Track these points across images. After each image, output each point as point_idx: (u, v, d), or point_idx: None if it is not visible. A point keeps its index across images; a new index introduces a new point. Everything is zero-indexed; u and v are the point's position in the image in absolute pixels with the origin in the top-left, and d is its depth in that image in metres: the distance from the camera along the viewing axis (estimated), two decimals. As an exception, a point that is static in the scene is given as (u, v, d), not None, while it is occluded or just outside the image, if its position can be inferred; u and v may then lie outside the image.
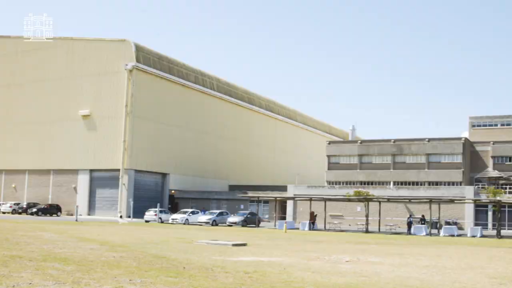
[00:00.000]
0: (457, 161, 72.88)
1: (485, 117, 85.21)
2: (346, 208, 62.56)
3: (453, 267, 19.32)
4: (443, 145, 73.98)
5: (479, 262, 21.56)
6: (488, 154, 75.39)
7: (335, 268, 17.88)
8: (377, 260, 20.94)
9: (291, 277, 15.02)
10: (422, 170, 74.12)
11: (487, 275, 16.98)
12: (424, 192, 60.12)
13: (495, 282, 15.39)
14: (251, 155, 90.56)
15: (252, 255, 21.75)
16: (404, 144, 76.14)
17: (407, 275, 16.61)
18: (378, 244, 31.98)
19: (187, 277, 14.22)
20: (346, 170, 78.22)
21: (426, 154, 74.43)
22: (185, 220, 55.72)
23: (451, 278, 16.14)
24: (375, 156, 77.34)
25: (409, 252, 26.00)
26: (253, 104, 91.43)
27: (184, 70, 76.83)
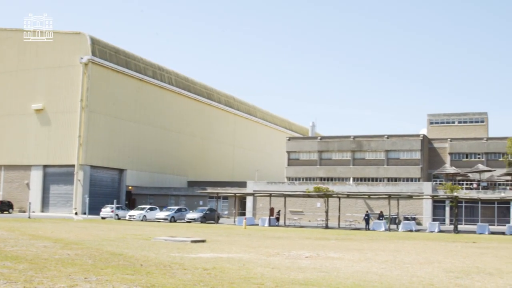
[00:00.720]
0: (415, 157, 73.88)
1: (442, 115, 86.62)
2: (306, 204, 62.70)
3: (411, 261, 19.40)
4: (402, 141, 74.86)
5: (437, 256, 21.72)
6: (446, 151, 76.61)
7: (295, 263, 17.77)
8: (336, 256, 20.88)
9: (250, 273, 14.86)
10: (381, 166, 74.87)
11: (444, 269, 17.13)
12: (383, 188, 60.69)
13: (452, 276, 15.52)
14: (210, 150, 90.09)
15: (211, 251, 21.52)
16: (364, 141, 76.76)
17: (366, 270, 16.59)
18: (337, 239, 32.00)
19: (144, 275, 13.93)
20: (306, 166, 78.42)
21: (385, 151, 75.19)
22: (143, 216, 54.93)
23: (409, 272, 16.20)
24: (334, 152, 77.76)
25: (368, 247, 26.04)
26: (212, 100, 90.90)
27: (142, 64, 75.79)
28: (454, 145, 76.16)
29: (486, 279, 15.16)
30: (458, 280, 14.80)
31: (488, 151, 74.60)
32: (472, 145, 75.77)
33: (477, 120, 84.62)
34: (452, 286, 13.61)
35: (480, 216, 57.13)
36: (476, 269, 17.35)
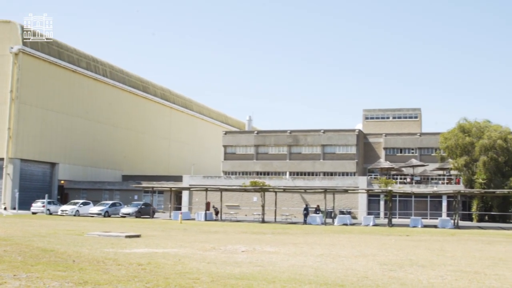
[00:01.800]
0: (351, 152, 75.08)
1: (377, 110, 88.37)
2: (242, 199, 62.70)
3: (346, 255, 19.63)
4: (338, 136, 75.91)
5: (371, 250, 22.07)
6: (381, 146, 78.22)
7: (231, 258, 17.76)
8: (272, 250, 20.93)
9: (186, 268, 14.74)
10: (318, 161, 75.72)
11: (379, 262, 17.39)
12: (319, 182, 61.34)
13: (386, 269, 15.77)
14: (146, 144, 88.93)
15: (146, 246, 21.29)
16: (300, 135, 77.42)
17: (302, 263, 16.68)
18: (274, 234, 32.11)
19: (77, 271, 13.64)
20: (243, 161, 78.46)
21: (322, 145, 76.08)
22: (76, 211, 53.70)
23: (345, 265, 16.38)
24: (271, 146, 78.10)
25: (304, 241, 26.21)
26: (147, 93, 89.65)
27: (75, 55, 73.84)
28: (389, 140, 77.84)
29: (419, 271, 15.47)
30: (392, 272, 15.04)
31: (421, 146, 76.63)
32: (406, 140, 77.65)
33: (411, 116, 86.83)
34: (386, 279, 13.78)
35: (414, 209, 58.61)
36: (409, 262, 17.68)
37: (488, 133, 57.78)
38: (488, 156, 56.06)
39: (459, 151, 58.72)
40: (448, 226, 44.13)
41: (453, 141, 58.94)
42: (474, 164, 57.76)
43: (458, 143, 58.49)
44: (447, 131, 61.44)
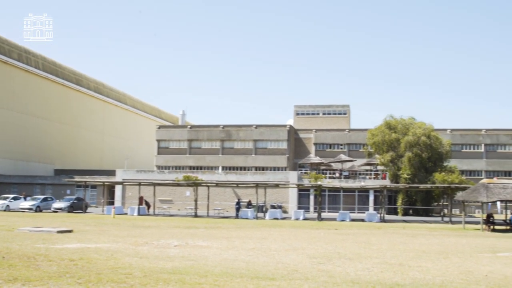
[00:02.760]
0: (282, 147, 75.94)
1: (308, 106, 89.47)
2: (175, 193, 62.44)
3: (277, 248, 19.94)
4: (270, 131, 76.60)
5: (301, 243, 22.50)
6: (311, 141, 79.36)
7: (164, 253, 17.77)
8: (205, 244, 21.05)
9: (118, 263, 14.71)
10: (250, 156, 76.20)
11: (308, 255, 17.78)
12: (251, 177, 61.76)
13: (315, 262, 16.16)
14: (79, 138, 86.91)
15: (78, 242, 21.02)
16: (233, 130, 77.67)
17: (234, 257, 16.86)
18: (206, 228, 32.23)
19: (6, 267, 13.40)
20: (176, 155, 78.02)
21: (254, 140, 76.59)
22: (6, 206, 52.12)
23: (275, 259, 16.64)
24: (204, 141, 78.01)
25: (236, 235, 26.46)
26: (81, 86, 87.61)
27: (7, 46, 71.31)
28: (319, 135, 79.10)
29: (346, 263, 15.96)
30: (321, 265, 15.43)
31: (350, 142, 78.30)
32: (335, 136, 79.11)
33: (340, 112, 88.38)
34: (315, 272, 14.16)
35: (342, 204, 59.97)
36: (337, 255, 18.19)
37: (412, 130, 59.78)
38: (413, 152, 58.03)
39: (386, 147, 60.46)
40: (375, 220, 45.37)
41: (380, 137, 60.61)
42: (399, 160, 59.61)
43: (384, 139, 60.21)
44: (374, 128, 63.06)
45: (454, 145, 71.81)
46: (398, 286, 12.23)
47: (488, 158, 76.40)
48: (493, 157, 76.46)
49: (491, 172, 75.16)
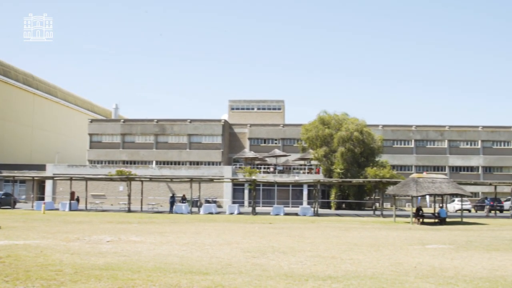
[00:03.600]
0: (217, 142, 75.82)
1: (243, 101, 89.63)
2: (108, 188, 61.29)
3: (211, 243, 19.89)
4: (204, 126, 76.32)
5: (236, 237, 22.50)
6: (245, 136, 79.57)
7: (96, 248, 17.46)
8: (138, 239, 20.77)
9: (48, 260, 14.36)
10: (184, 150, 75.70)
11: (242, 250, 17.81)
12: (185, 172, 61.39)
13: (249, 256, 16.20)
14: (7, 131, 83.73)
15: (5, 238, 20.37)
16: (167, 124, 76.95)
17: (168, 252, 16.73)
18: (140, 223, 31.76)
19: None
20: (109, 149, 76.63)
21: (188, 135, 76.13)
22: None
23: (209, 253, 16.61)
24: (138, 135, 76.94)
25: (170, 230, 26.21)
26: (9, 77, 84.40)
27: None
28: (253, 130, 79.40)
29: (280, 257, 16.05)
30: (255, 259, 15.47)
31: (284, 137, 78.98)
32: (270, 131, 79.59)
33: (275, 107, 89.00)
34: (249, 266, 14.16)
35: (277, 198, 60.45)
36: (271, 249, 18.27)
37: (346, 126, 60.86)
38: (346, 147, 59.09)
39: (319, 142, 61.29)
40: (309, 214, 45.88)
41: (313, 132, 61.38)
42: (332, 155, 60.55)
43: (318, 134, 61.03)
44: (308, 123, 63.80)
45: (385, 140, 73.71)
46: (331, 278, 12.35)
47: (418, 153, 78.81)
48: (422, 153, 78.95)
49: (420, 167, 77.57)
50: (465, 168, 79.06)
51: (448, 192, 37.33)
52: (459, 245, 20.86)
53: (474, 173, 78.44)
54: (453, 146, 79.50)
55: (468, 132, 79.79)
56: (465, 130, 79.98)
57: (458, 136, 79.70)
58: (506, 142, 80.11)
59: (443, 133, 79.61)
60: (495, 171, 79.34)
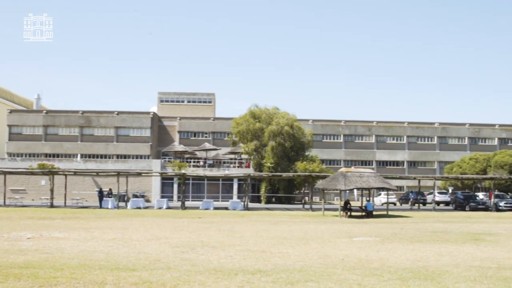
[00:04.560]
0: (145, 135, 74.70)
1: (173, 93, 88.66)
2: (29, 182, 59.18)
3: (139, 238, 19.54)
4: (132, 118, 75.04)
5: (164, 232, 22.18)
6: (175, 129, 78.83)
7: (15, 246, 16.85)
8: (61, 236, 20.11)
9: (-39, 260, 13.52)
10: (111, 143, 74.16)
11: (171, 245, 17.59)
12: (112, 165, 60.15)
13: (178, 251, 16.01)
14: None
15: None
16: (93, 116, 75.15)
17: (93, 249, 16.31)
18: (63, 219, 30.75)
19: None
20: (30, 142, 74.02)
21: (115, 127, 74.64)
22: None
23: (137, 249, 16.33)
24: (61, 127, 74.69)
25: (96, 226, 25.53)
26: None
27: None
28: (183, 123, 78.75)
29: (210, 252, 15.90)
30: (184, 254, 15.27)
31: (215, 130, 78.77)
32: (200, 124, 79.17)
33: (205, 100, 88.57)
34: (178, 261, 13.94)
35: (206, 192, 60.21)
36: (200, 243, 18.10)
37: (276, 120, 61.26)
38: (276, 142, 59.49)
39: (250, 136, 61.45)
40: (239, 208, 45.88)
41: (244, 126, 61.48)
42: (263, 149, 60.84)
43: (249, 128, 61.17)
44: (239, 117, 63.87)
45: (315, 135, 74.80)
46: (260, 272, 12.28)
47: (347, 148, 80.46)
48: (351, 147, 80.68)
49: (349, 161, 79.22)
50: (391, 163, 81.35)
51: (375, 186, 38.18)
52: (385, 237, 21.28)
53: (400, 168, 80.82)
54: (380, 141, 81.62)
55: (394, 128, 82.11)
56: (391, 125, 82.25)
57: (385, 132, 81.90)
58: (430, 137, 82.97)
59: (371, 128, 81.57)
60: (419, 165, 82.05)
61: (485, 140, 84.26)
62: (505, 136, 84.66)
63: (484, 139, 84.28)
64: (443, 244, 18.96)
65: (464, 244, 18.86)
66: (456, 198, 52.14)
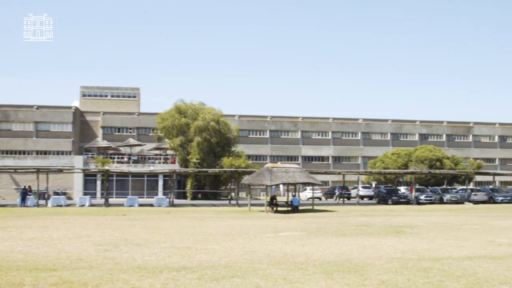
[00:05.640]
0: (67, 130, 72.78)
1: (96, 88, 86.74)
2: None
3: (60, 237, 19.02)
4: (53, 113, 72.89)
5: (86, 231, 21.68)
6: (98, 124, 77.22)
7: None
8: (-26, 236, 19.15)
9: None
10: (30, 139, 71.78)
11: (94, 243, 17.24)
12: (31, 162, 58.23)
13: (100, 249, 15.69)
14: None
15: None
16: (11, 111, 72.51)
17: (10, 249, 15.77)
18: (-21, 218, 29.42)
19: None
20: None
21: (35, 122, 72.33)
22: None
23: (58, 248, 15.90)
24: (-24, 122, 71.82)
25: (14, 225, 24.59)
26: None
27: None
28: (107, 118, 77.24)
29: (134, 249, 15.63)
30: (107, 253, 14.96)
31: (140, 125, 77.71)
32: (124, 119, 77.86)
33: (130, 95, 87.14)
34: (100, 259, 13.63)
35: (131, 189, 59.24)
36: (124, 241, 17.78)
37: (202, 115, 61.04)
38: (202, 137, 59.27)
39: (175, 131, 60.99)
40: (164, 205, 45.43)
41: (169, 121, 60.96)
42: (189, 145, 60.49)
43: (174, 123, 60.69)
44: (165, 112, 63.31)
45: (241, 130, 75.13)
46: (186, 269, 12.16)
47: (273, 143, 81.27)
48: (277, 143, 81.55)
49: (275, 157, 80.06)
50: (317, 158, 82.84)
51: (301, 181, 38.70)
52: (310, 231, 21.55)
53: (325, 163, 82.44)
54: (305, 136, 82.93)
55: (319, 124, 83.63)
56: (317, 121, 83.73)
57: (311, 127, 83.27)
58: (354, 133, 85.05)
59: (297, 124, 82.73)
60: (343, 160, 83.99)
61: (407, 135, 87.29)
62: (425, 132, 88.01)
63: (406, 134, 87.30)
64: (367, 237, 19.40)
65: (386, 237, 19.37)
66: (379, 192, 53.70)
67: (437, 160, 67.68)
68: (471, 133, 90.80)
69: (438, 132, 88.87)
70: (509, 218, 30.21)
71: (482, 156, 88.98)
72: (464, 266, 12.62)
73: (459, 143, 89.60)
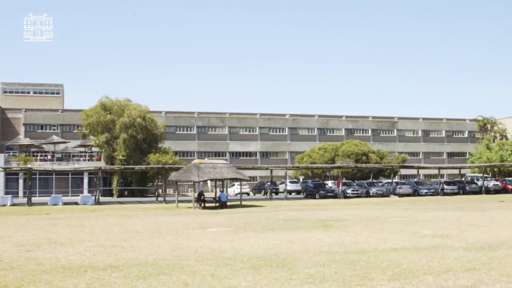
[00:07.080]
0: (-12, 127, 70.10)
1: (17, 84, 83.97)
2: None
3: (-21, 238, 18.28)
4: (-29, 110, 70.06)
5: (8, 231, 21.10)
6: (20, 122, 74.89)
7: None
8: None
9: None
10: None
11: (15, 243, 16.85)
12: None
13: (22, 250, 15.34)
14: None
15: None
16: None
17: None
18: None
19: None
20: None
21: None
22: None
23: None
24: None
25: None
26: None
27: None
28: (29, 115, 75.00)
29: (57, 249, 15.32)
30: (29, 253, 14.61)
31: (64, 123, 75.79)
32: (47, 116, 75.79)
33: (53, 92, 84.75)
34: (22, 260, 13.29)
35: (55, 187, 57.76)
36: (48, 241, 17.40)
37: (128, 112, 60.25)
38: (128, 134, 58.53)
39: (101, 128, 59.96)
40: (89, 203, 44.64)
41: (94, 118, 59.88)
42: (115, 141, 59.61)
43: (99, 120, 59.66)
44: (89, 108, 62.16)
45: (168, 127, 74.57)
46: (111, 268, 12.02)
47: (200, 139, 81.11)
48: (204, 139, 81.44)
49: (202, 153, 79.93)
50: (244, 154, 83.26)
51: (228, 177, 38.90)
52: (238, 227, 21.71)
53: (253, 158, 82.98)
54: (233, 132, 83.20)
55: (247, 119, 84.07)
56: (244, 117, 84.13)
57: (238, 123, 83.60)
58: (281, 129, 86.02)
59: (224, 120, 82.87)
60: (271, 156, 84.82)
61: (333, 130, 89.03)
62: (351, 127, 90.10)
63: (332, 129, 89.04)
64: (294, 231, 19.68)
65: (314, 231, 19.72)
66: (307, 187, 54.55)
67: (363, 155, 69.37)
68: (396, 127, 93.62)
69: (364, 127, 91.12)
70: (433, 210, 31.32)
71: (407, 150, 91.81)
72: (390, 257, 13.00)
73: (384, 138, 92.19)
